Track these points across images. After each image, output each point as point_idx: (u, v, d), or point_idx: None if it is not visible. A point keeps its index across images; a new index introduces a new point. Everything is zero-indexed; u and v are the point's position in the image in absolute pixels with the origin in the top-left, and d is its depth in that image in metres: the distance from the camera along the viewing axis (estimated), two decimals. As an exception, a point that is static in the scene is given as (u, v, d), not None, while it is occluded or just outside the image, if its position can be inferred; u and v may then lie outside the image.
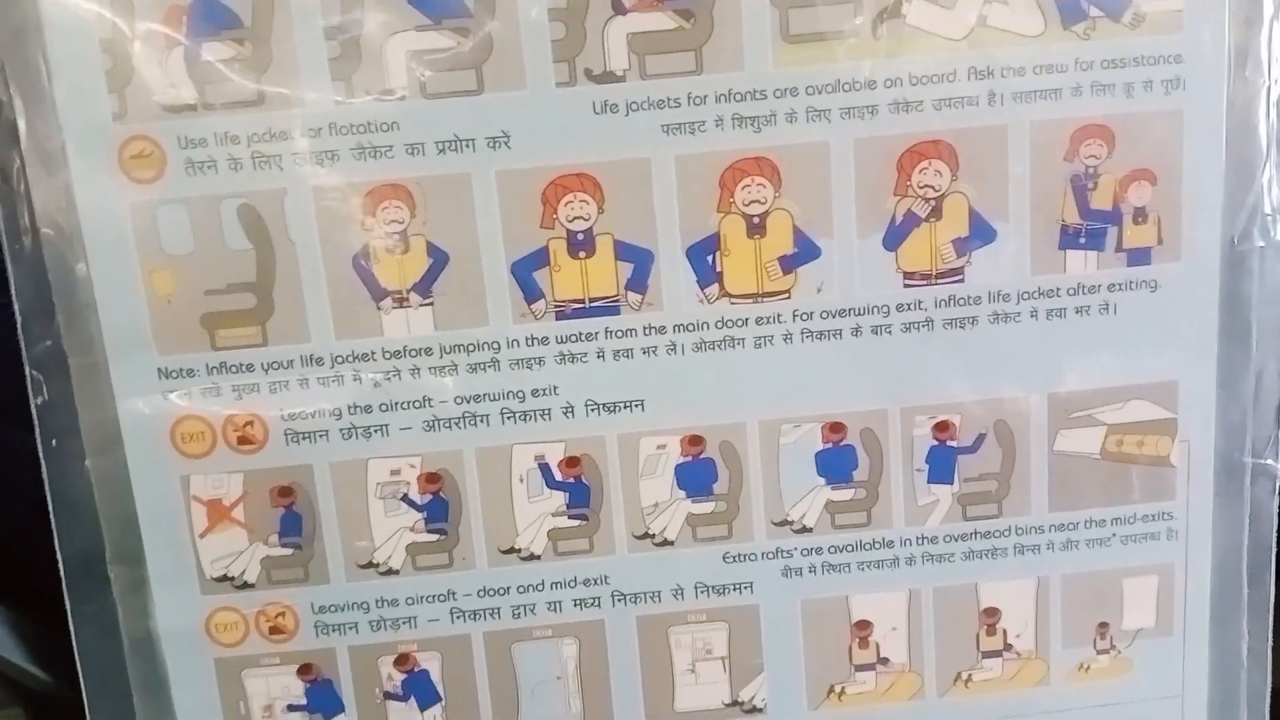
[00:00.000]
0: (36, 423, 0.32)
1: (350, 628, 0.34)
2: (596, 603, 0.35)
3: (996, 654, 0.36)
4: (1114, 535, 0.35)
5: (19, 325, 0.32)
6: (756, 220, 0.33)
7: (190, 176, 0.31)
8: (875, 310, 0.33)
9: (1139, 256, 0.33)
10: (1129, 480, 0.35)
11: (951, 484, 0.35)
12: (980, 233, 0.33)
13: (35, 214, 0.31)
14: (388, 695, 0.35)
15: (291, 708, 0.35)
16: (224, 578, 0.34)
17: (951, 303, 0.33)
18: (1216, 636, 0.36)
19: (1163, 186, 0.33)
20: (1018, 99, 0.32)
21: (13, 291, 0.32)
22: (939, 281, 0.33)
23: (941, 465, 0.34)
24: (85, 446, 0.33)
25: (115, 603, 0.33)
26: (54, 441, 0.32)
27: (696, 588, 0.35)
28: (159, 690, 0.34)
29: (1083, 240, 0.33)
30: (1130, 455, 0.35)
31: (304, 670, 0.35)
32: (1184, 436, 0.34)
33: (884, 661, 0.36)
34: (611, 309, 0.33)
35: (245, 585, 0.34)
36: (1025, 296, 0.33)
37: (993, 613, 0.35)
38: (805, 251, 0.33)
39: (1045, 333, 0.33)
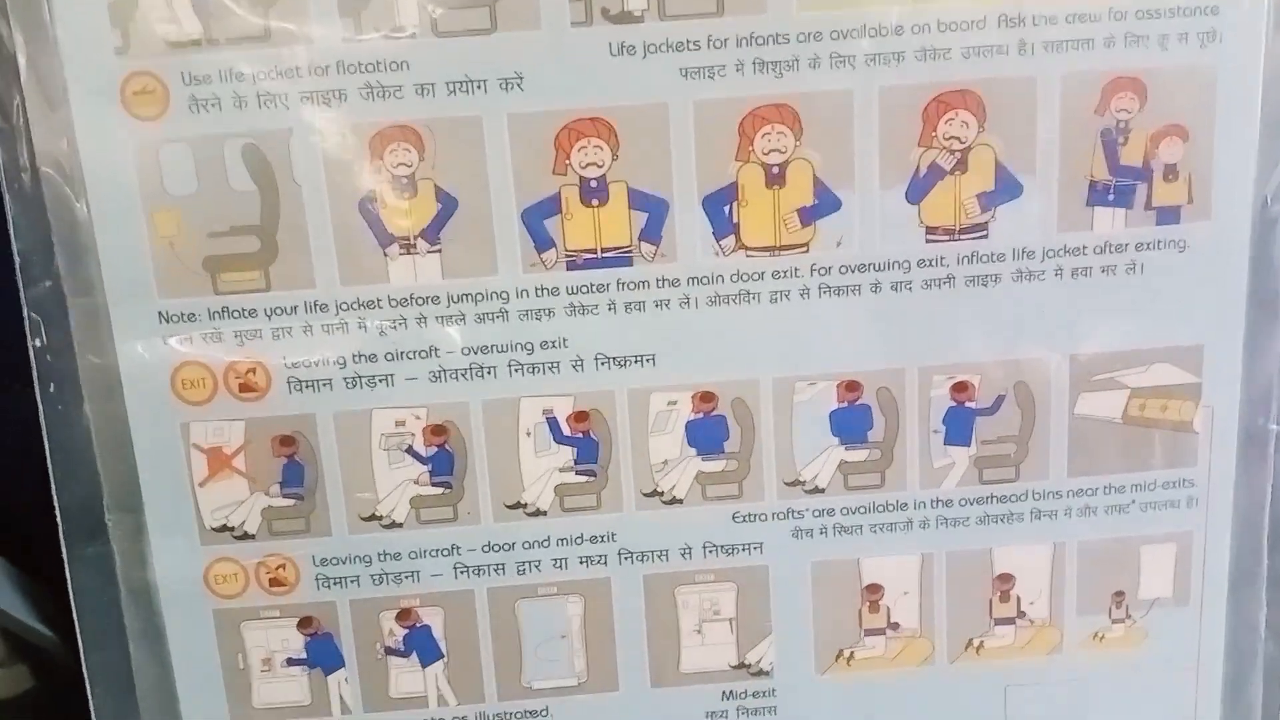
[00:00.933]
0: (34, 366, 0.32)
1: (352, 581, 0.34)
2: (603, 560, 0.34)
3: (1009, 621, 0.35)
4: (1133, 502, 0.34)
5: (17, 266, 0.31)
6: (776, 170, 0.32)
7: (194, 114, 0.30)
8: (896, 266, 0.32)
9: (1168, 215, 0.32)
10: (1150, 446, 0.34)
11: (969, 446, 0.34)
12: (1006, 187, 0.32)
13: (35, 151, 0.30)
14: (389, 650, 0.34)
15: (291, 661, 0.34)
16: (224, 528, 0.33)
17: (974, 259, 0.32)
18: (1234, 607, 0.35)
19: (1195, 143, 0.32)
20: (1048, 49, 0.31)
21: (11, 231, 0.31)
22: (962, 237, 0.32)
23: (959, 427, 0.34)
24: (84, 391, 0.32)
25: (113, 551, 0.33)
26: (52, 386, 0.32)
27: (705, 547, 0.34)
28: (156, 640, 0.34)
29: (1111, 197, 0.32)
30: (1153, 420, 0.34)
31: (304, 623, 0.34)
32: (1208, 402, 0.34)
33: (894, 626, 0.35)
34: (624, 260, 0.32)
35: (245, 536, 0.33)
36: (1050, 254, 0.32)
37: (1007, 579, 0.35)
38: (825, 203, 0.32)
39: (1069, 292, 0.33)
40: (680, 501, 0.34)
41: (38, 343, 0.31)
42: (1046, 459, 0.34)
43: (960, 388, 0.33)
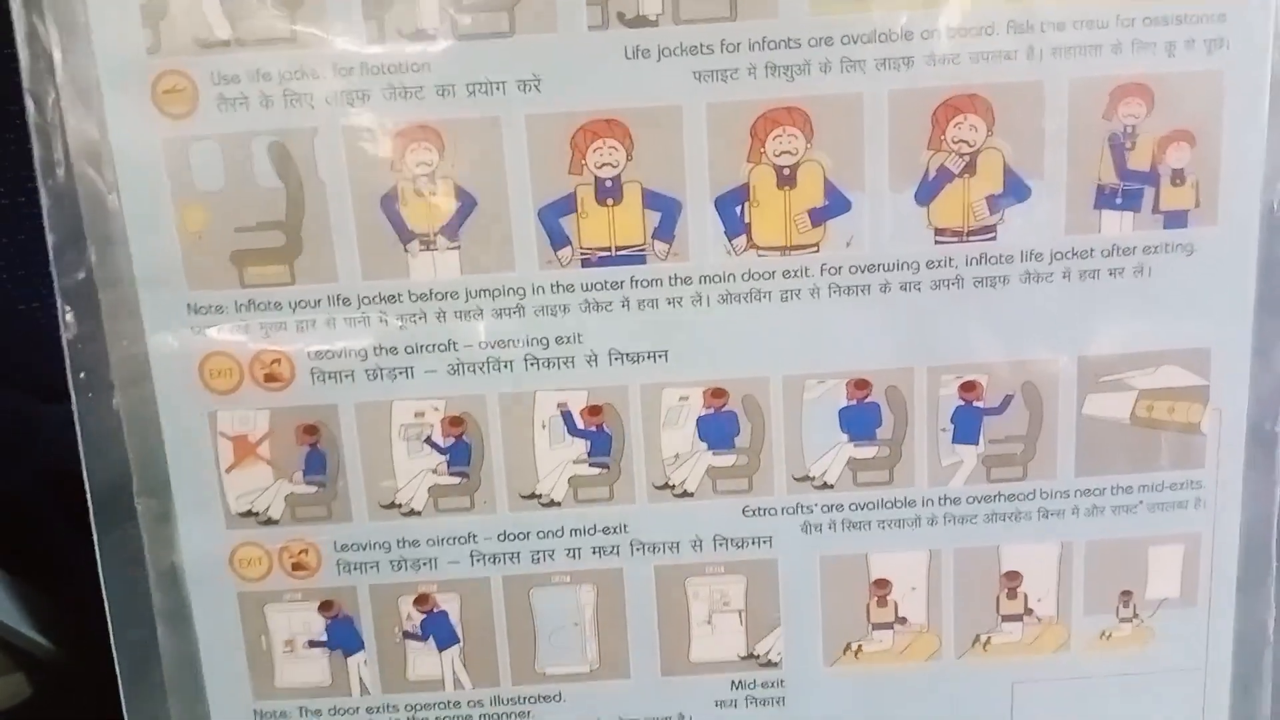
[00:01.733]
0: (66, 355, 0.33)
1: (371, 566, 0.35)
2: (615, 551, 0.35)
3: (1017, 618, 0.35)
4: (1141, 503, 0.35)
5: (51, 257, 0.32)
6: (787, 171, 0.32)
7: (222, 113, 0.31)
8: (905, 267, 0.33)
9: (1176, 219, 0.33)
10: (1158, 447, 0.34)
11: (976, 445, 0.34)
12: (1014, 190, 0.32)
13: (70, 146, 0.32)
14: (407, 634, 0.35)
15: (312, 643, 0.35)
16: (249, 513, 0.34)
17: (983, 261, 0.33)
18: (1243, 609, 0.35)
19: (1202, 148, 0.32)
20: (1056, 54, 0.31)
21: (45, 223, 0.32)
22: (970, 239, 0.33)
23: (967, 426, 0.34)
24: (114, 380, 0.33)
25: (141, 533, 0.34)
26: (83, 374, 0.33)
27: (715, 540, 0.35)
28: (183, 622, 0.35)
29: (1119, 201, 0.33)
30: (1160, 421, 0.34)
31: (325, 607, 0.35)
32: (1216, 404, 0.34)
33: (902, 621, 0.35)
34: (638, 258, 0.33)
35: (269, 521, 0.34)
36: (1058, 256, 0.33)
37: (1014, 576, 0.35)
38: (835, 204, 0.33)
39: (1077, 294, 0.33)
40: (691, 495, 0.34)
41: (70, 333, 0.33)
42: (1054, 459, 0.34)
43: (968, 387, 0.34)
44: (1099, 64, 0.32)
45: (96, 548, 0.34)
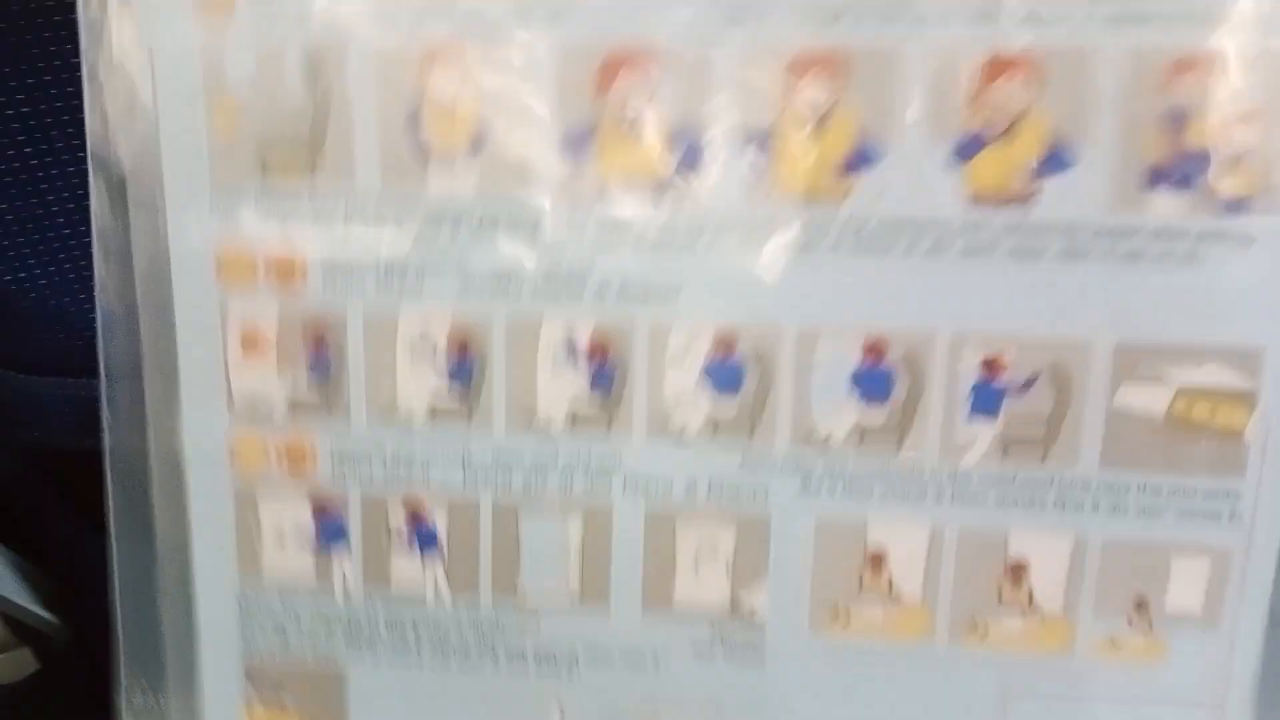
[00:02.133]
0: (95, 243, 0.34)
1: (365, 472, 0.35)
2: (607, 486, 0.34)
3: (1019, 609, 0.33)
4: (1169, 507, 0.32)
5: (89, 154, 0.33)
6: (817, 119, 0.31)
7: (258, 19, 0.32)
8: (934, 228, 0.31)
9: (1235, 206, 0.30)
10: (1194, 450, 0.32)
11: (994, 423, 0.32)
12: (1057, 159, 0.30)
13: (113, 45, 0.32)
14: (393, 543, 0.35)
15: (301, 540, 0.35)
16: (251, 405, 0.35)
17: (1018, 230, 0.31)
18: (1273, 642, 0.33)
19: (1269, 132, 0.30)
20: (1111, 21, 0.29)
21: (86, 121, 0.33)
22: (1006, 206, 0.31)
23: (986, 401, 0.32)
24: (135, 266, 0.34)
25: (147, 415, 0.35)
26: (107, 258, 0.34)
27: (710, 487, 0.34)
28: (179, 509, 0.35)
29: (1171, 181, 0.30)
30: (1199, 423, 0.32)
31: (317, 506, 0.35)
32: (1263, 411, 0.31)
33: (895, 595, 0.34)
34: (656, 193, 0.32)
35: (270, 415, 0.35)
36: (1100, 234, 0.31)
37: (1021, 565, 0.33)
38: (866, 156, 0.31)
39: (1118, 276, 0.31)
40: (689, 439, 0.33)
41: (100, 223, 0.34)
42: (1077, 447, 0.32)
43: (991, 361, 0.32)
44: (1157, 33, 0.29)
45: (104, 424, 0.35)
